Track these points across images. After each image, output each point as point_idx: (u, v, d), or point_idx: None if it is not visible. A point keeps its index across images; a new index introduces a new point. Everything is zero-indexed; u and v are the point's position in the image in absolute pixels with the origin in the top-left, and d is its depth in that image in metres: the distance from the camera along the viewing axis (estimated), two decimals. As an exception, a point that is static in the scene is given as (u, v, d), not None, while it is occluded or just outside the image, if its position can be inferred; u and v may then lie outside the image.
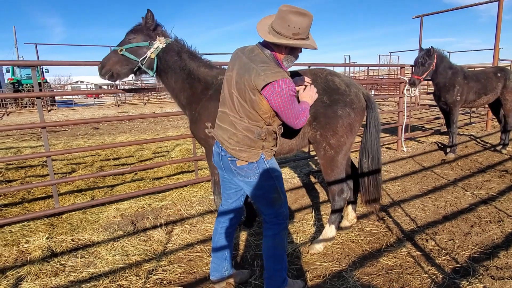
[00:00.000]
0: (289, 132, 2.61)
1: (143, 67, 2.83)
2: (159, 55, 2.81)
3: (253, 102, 1.92)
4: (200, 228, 3.42)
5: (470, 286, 2.37)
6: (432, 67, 5.69)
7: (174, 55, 2.83)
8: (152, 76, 2.93)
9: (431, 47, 5.73)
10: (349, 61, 22.16)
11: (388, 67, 22.24)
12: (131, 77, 3.09)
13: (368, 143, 3.01)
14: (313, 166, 5.40)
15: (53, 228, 3.35)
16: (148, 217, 3.55)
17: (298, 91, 2.45)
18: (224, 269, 2.40)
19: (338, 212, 2.96)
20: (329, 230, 2.99)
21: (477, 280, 2.44)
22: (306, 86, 2.35)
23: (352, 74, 24.28)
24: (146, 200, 3.94)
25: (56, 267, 2.77)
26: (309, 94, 2.27)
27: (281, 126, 2.16)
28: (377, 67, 25.70)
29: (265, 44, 2.04)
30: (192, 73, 2.83)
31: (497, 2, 8.41)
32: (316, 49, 2.04)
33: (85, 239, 3.19)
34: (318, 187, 4.56)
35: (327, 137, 2.69)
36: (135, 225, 3.47)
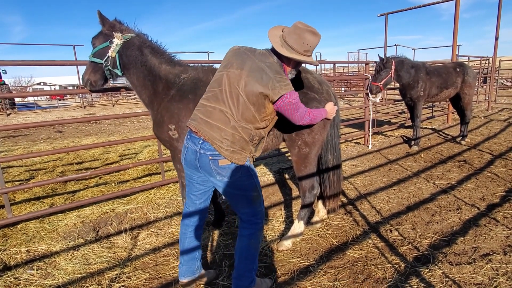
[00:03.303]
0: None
1: (109, 67, 2.71)
2: (120, 52, 2.70)
3: (261, 106, 1.99)
4: (168, 231, 3.33)
5: (430, 273, 2.46)
6: (390, 74, 5.86)
7: (135, 50, 2.71)
8: (121, 75, 2.82)
9: (385, 56, 5.93)
10: (320, 58, 22.52)
11: (358, 64, 22.83)
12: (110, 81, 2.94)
13: (333, 140, 3.07)
14: (283, 163, 5.42)
15: (6, 240, 3.13)
16: (112, 223, 3.41)
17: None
18: (196, 268, 2.37)
19: (307, 207, 2.98)
20: (298, 226, 3.01)
21: (436, 267, 2.54)
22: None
23: (323, 72, 24.74)
24: (110, 205, 3.78)
25: (9, 281, 2.59)
26: (331, 110, 2.58)
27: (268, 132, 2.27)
28: (346, 64, 26.33)
29: (275, 53, 2.12)
30: (153, 70, 2.71)
31: (454, 1, 8.84)
32: (316, 65, 2.20)
33: (42, 249, 3.01)
34: (288, 184, 4.58)
35: (303, 135, 2.72)
36: (98, 231, 3.32)
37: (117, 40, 2.67)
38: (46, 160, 6.36)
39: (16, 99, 23.11)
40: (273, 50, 2.14)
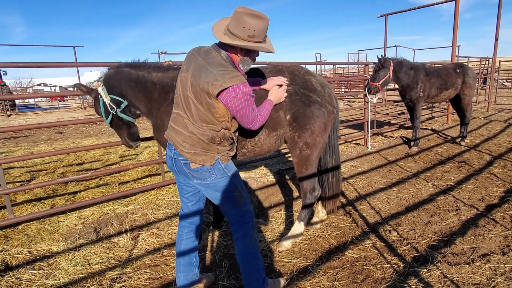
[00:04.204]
0: (267, 132, 2.67)
1: (118, 111, 2.71)
2: (109, 91, 2.69)
3: (210, 106, 1.90)
4: (168, 232, 3.35)
5: (429, 273, 2.48)
6: (388, 74, 5.87)
7: (114, 77, 2.69)
8: (127, 104, 2.79)
9: (382, 56, 5.93)
10: (320, 59, 22.54)
11: (358, 65, 22.85)
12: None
13: (332, 142, 3.07)
14: (283, 164, 5.44)
15: (8, 240, 3.15)
16: (112, 224, 3.43)
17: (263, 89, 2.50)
18: (194, 275, 2.34)
19: (308, 208, 2.99)
20: (298, 227, 3.02)
21: (435, 267, 2.55)
22: (278, 85, 2.43)
23: (323, 72, 24.76)
24: (111, 206, 3.79)
25: (11, 281, 2.61)
26: (277, 95, 2.36)
27: (237, 132, 2.16)
28: (345, 65, 26.35)
29: (221, 45, 1.98)
30: (141, 79, 2.67)
31: (454, 2, 8.87)
32: (272, 52, 2.01)
33: (44, 250, 3.03)
34: (288, 185, 4.60)
35: (305, 137, 2.71)
36: (98, 232, 3.34)
37: (98, 87, 2.68)
38: (46, 161, 6.37)
39: (17, 100, 23.15)
40: (219, 44, 2.00)
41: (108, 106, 2.68)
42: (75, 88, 2.83)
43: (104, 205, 3.84)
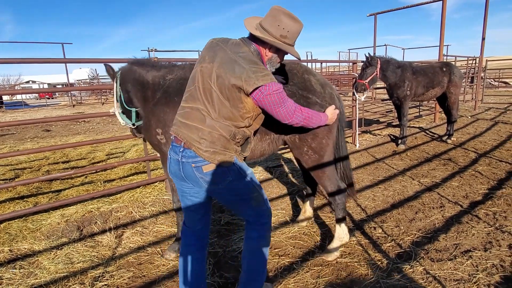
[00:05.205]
0: (259, 137, 2.51)
1: (133, 112, 2.84)
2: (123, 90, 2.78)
3: (237, 101, 1.79)
4: (153, 230, 3.31)
5: (412, 270, 2.50)
6: (375, 72, 5.91)
7: (130, 75, 2.73)
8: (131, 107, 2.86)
9: (369, 54, 5.97)
10: (311, 57, 22.59)
11: (348, 64, 22.97)
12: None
13: (339, 143, 2.91)
14: (270, 162, 5.43)
15: (-12, 239, 3.08)
16: (96, 222, 3.38)
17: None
18: None
19: (340, 208, 2.75)
20: (341, 230, 2.78)
21: (418, 263, 2.58)
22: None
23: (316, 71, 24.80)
24: (95, 204, 3.74)
25: (-10, 281, 2.55)
26: (333, 115, 2.31)
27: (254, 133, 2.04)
28: (337, 64, 26.47)
29: (251, 40, 1.93)
30: (142, 80, 2.68)
31: (441, 2, 8.96)
32: (299, 59, 2.00)
33: (25, 248, 2.97)
34: (275, 182, 4.59)
35: (307, 141, 2.54)
36: (82, 231, 3.28)
37: (114, 84, 2.78)
38: (32, 159, 6.26)
39: (4, 97, 22.68)
40: (250, 38, 1.95)
41: (123, 105, 2.82)
42: (106, 68, 2.87)
43: (88, 203, 3.78)
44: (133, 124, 2.88)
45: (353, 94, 6.16)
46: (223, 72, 1.77)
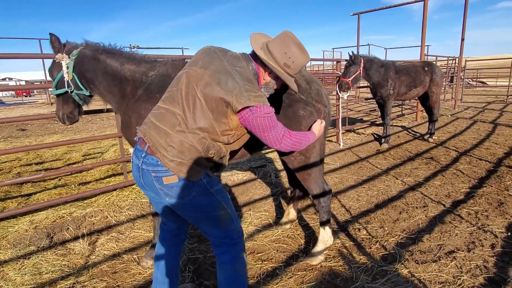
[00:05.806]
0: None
1: (74, 91, 2.49)
2: (77, 71, 2.45)
3: (221, 115, 1.64)
4: (129, 236, 3.14)
5: (396, 273, 2.45)
6: (359, 71, 5.90)
7: (90, 61, 2.46)
8: (90, 94, 2.59)
9: (353, 52, 5.95)
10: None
11: (332, 63, 23.11)
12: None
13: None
14: (253, 162, 5.32)
15: None
16: (68, 228, 3.18)
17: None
18: None
19: (325, 211, 2.66)
20: (325, 234, 2.68)
21: (402, 265, 2.53)
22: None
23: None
24: (67, 209, 3.53)
25: None
26: (319, 131, 2.19)
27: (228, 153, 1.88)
28: (321, 62, 26.61)
29: (252, 58, 1.84)
30: (116, 73, 2.48)
31: (422, 2, 9.07)
32: (296, 92, 1.91)
33: (-12, 259, 2.75)
34: (258, 183, 4.49)
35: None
36: (52, 238, 3.08)
37: (64, 61, 2.42)
38: (3, 160, 5.93)
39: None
40: (252, 55, 1.85)
41: (65, 82, 2.47)
42: (51, 38, 2.44)
43: (60, 208, 3.56)
44: (71, 92, 2.53)
45: (337, 93, 6.13)
46: (215, 81, 1.64)
